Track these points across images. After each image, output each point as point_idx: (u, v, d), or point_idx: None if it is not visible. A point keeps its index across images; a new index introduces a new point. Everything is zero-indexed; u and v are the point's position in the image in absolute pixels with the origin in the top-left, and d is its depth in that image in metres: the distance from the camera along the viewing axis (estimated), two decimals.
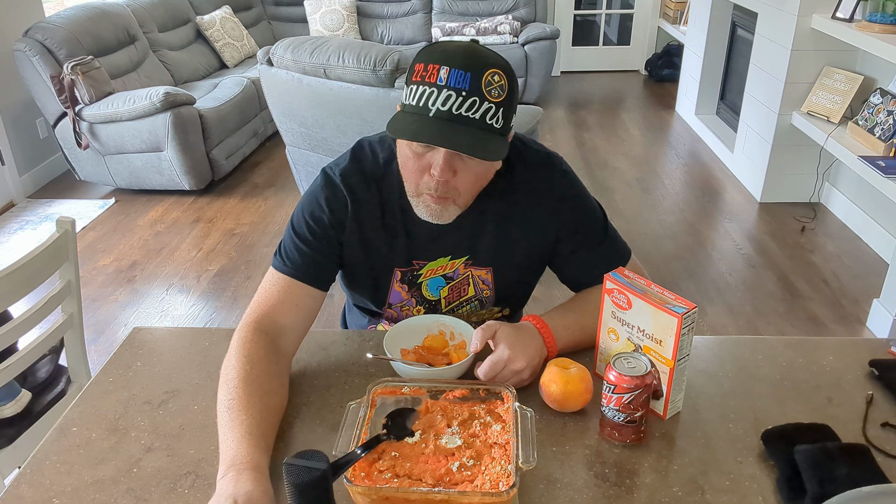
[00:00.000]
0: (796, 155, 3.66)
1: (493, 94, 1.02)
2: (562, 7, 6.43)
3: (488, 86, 1.01)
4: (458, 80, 1.00)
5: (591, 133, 5.03)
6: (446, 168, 1.06)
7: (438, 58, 1.02)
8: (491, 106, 1.02)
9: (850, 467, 0.89)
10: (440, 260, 1.24)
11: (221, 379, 1.04)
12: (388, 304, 1.30)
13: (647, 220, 3.67)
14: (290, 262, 1.17)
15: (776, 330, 2.73)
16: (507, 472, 0.87)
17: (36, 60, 3.68)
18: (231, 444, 0.94)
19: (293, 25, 5.85)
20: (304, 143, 3.27)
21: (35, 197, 4.10)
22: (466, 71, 1.00)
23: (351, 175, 1.19)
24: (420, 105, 1.02)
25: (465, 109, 1.01)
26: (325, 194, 1.19)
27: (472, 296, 1.29)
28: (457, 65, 1.00)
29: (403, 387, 1.02)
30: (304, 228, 1.19)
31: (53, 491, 0.94)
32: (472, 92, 1.00)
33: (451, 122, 1.01)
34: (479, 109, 1.01)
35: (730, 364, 1.18)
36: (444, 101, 1.00)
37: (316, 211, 1.19)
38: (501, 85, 1.03)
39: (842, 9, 3.18)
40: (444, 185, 1.08)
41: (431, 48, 1.05)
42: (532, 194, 1.22)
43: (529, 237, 1.24)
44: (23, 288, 1.41)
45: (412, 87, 1.04)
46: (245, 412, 0.98)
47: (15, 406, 1.58)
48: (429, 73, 1.01)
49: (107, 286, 3.12)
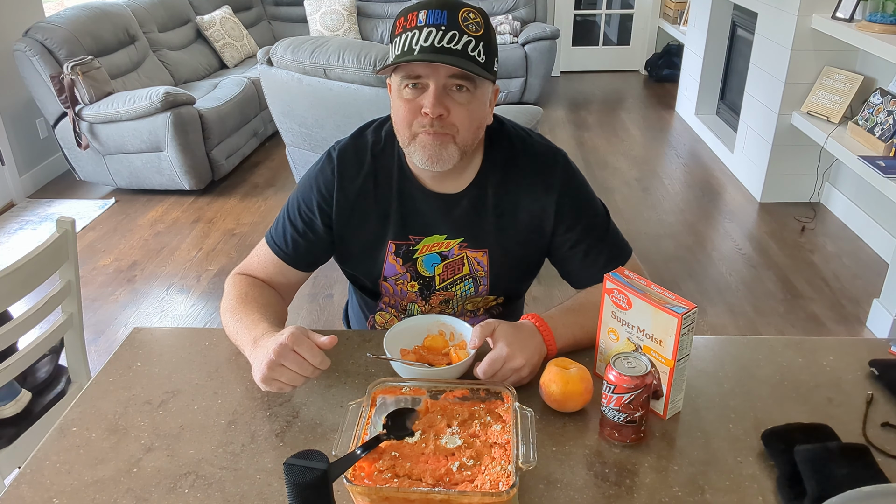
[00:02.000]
0: (796, 155, 3.66)
1: (472, 29, 1.08)
2: (562, 7, 6.43)
3: (465, 21, 1.08)
4: (436, 17, 1.07)
5: (591, 133, 5.03)
6: (437, 103, 1.09)
7: (415, 6, 1.10)
8: (471, 39, 1.08)
9: (850, 467, 0.89)
10: (436, 236, 1.26)
11: (223, 317, 1.20)
12: (384, 277, 1.31)
13: (647, 220, 3.67)
14: (277, 242, 1.28)
15: (776, 330, 2.73)
16: (507, 472, 0.87)
17: (36, 60, 3.68)
18: (247, 332, 1.11)
19: (293, 25, 5.85)
20: (304, 143, 3.27)
21: (35, 197, 4.10)
22: (443, 9, 1.08)
23: (348, 150, 1.26)
24: (405, 50, 1.08)
25: (446, 41, 1.07)
26: (317, 175, 1.27)
27: (466, 274, 1.29)
28: (433, 6, 1.08)
29: (403, 387, 1.02)
30: (296, 211, 1.27)
31: (53, 491, 0.94)
32: (450, 26, 1.07)
33: (436, 53, 1.07)
34: (460, 41, 1.07)
35: (730, 364, 1.18)
36: (426, 37, 1.07)
37: (307, 193, 1.27)
38: (477, 22, 1.10)
39: (842, 9, 3.18)
40: (439, 120, 1.11)
41: (408, 4, 1.14)
42: (533, 187, 1.23)
43: (527, 227, 1.25)
44: (23, 288, 1.41)
45: (396, 40, 1.11)
46: (250, 312, 1.16)
47: (15, 406, 1.58)
48: (408, 21, 1.09)
49: (107, 286, 3.12)
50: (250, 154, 4.62)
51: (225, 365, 1.19)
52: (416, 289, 1.31)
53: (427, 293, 1.31)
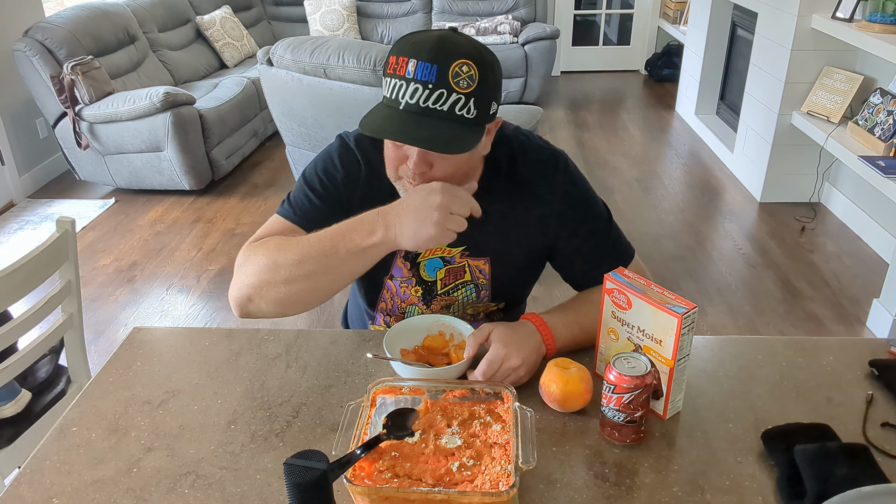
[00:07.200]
0: (796, 155, 3.66)
1: (462, 85, 1.01)
2: (562, 7, 6.43)
3: (456, 77, 1.01)
4: (424, 72, 1.00)
5: (591, 133, 5.03)
6: (420, 162, 1.07)
7: (408, 50, 1.02)
8: (460, 97, 1.01)
9: (850, 467, 0.89)
10: None
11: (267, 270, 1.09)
12: (390, 276, 1.30)
13: (647, 220, 3.67)
14: (298, 210, 1.20)
15: (776, 330, 2.73)
16: (507, 472, 0.87)
17: (36, 60, 3.68)
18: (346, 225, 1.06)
19: (293, 25, 5.86)
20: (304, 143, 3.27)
21: (35, 197, 4.10)
22: (433, 63, 1.00)
23: (365, 139, 1.22)
24: (392, 98, 1.04)
25: (432, 102, 1.01)
26: (339, 154, 1.23)
27: (467, 280, 1.29)
28: (423, 57, 1.00)
29: (403, 387, 1.02)
30: (317, 182, 1.22)
31: (53, 491, 0.94)
32: (438, 84, 1.00)
33: (420, 116, 1.02)
34: (448, 101, 1.01)
35: (730, 364, 1.18)
36: (412, 94, 1.01)
37: (329, 168, 1.22)
38: (471, 75, 1.01)
39: (842, 9, 3.18)
40: (421, 176, 1.09)
41: (404, 40, 1.06)
42: (534, 191, 1.22)
43: (529, 234, 1.24)
44: (23, 288, 1.41)
45: (387, 80, 1.05)
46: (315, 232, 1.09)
47: (15, 406, 1.58)
48: (399, 66, 1.02)
49: (107, 286, 3.12)
50: (250, 154, 4.62)
51: (225, 365, 1.19)
52: (420, 293, 1.31)
53: (429, 298, 1.31)
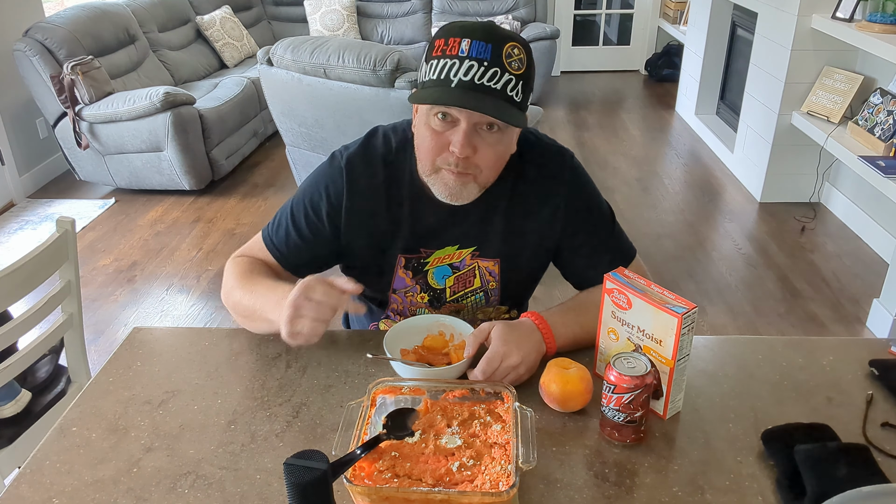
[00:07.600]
0: (796, 155, 3.66)
1: (514, 66, 1.04)
2: (562, 7, 6.43)
3: (509, 57, 1.03)
4: (479, 50, 1.02)
5: (591, 133, 5.03)
6: (466, 143, 1.06)
7: (459, 32, 1.04)
8: (511, 77, 1.04)
9: (850, 467, 0.89)
10: (447, 248, 1.25)
11: (232, 295, 1.20)
12: (393, 290, 1.30)
13: (647, 220, 3.67)
14: (276, 245, 1.25)
15: (776, 330, 2.73)
16: (507, 472, 0.87)
17: (36, 60, 3.68)
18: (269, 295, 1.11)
19: (293, 25, 5.85)
20: (304, 143, 3.27)
21: (35, 197, 4.10)
22: (487, 42, 1.02)
23: (357, 159, 1.21)
24: (442, 77, 1.04)
25: (486, 79, 1.02)
26: (326, 181, 1.22)
27: (477, 287, 1.29)
28: (478, 37, 1.03)
29: (403, 387, 1.02)
30: (301, 215, 1.23)
31: (53, 491, 0.93)
32: (493, 62, 1.02)
33: (474, 91, 1.03)
34: (501, 80, 1.03)
35: (730, 364, 1.18)
36: (466, 71, 1.02)
37: (315, 198, 1.23)
38: (521, 58, 1.05)
39: (842, 9, 3.18)
40: (464, 161, 1.08)
41: (450, 25, 1.08)
42: (542, 188, 1.23)
43: (538, 230, 1.24)
44: (23, 288, 1.41)
45: (433, 63, 1.06)
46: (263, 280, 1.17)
47: (15, 406, 1.57)
48: (450, 47, 1.04)
49: (107, 286, 3.12)
50: (250, 154, 4.62)
51: (225, 365, 1.19)
52: (426, 300, 1.30)
53: (437, 304, 1.31)
